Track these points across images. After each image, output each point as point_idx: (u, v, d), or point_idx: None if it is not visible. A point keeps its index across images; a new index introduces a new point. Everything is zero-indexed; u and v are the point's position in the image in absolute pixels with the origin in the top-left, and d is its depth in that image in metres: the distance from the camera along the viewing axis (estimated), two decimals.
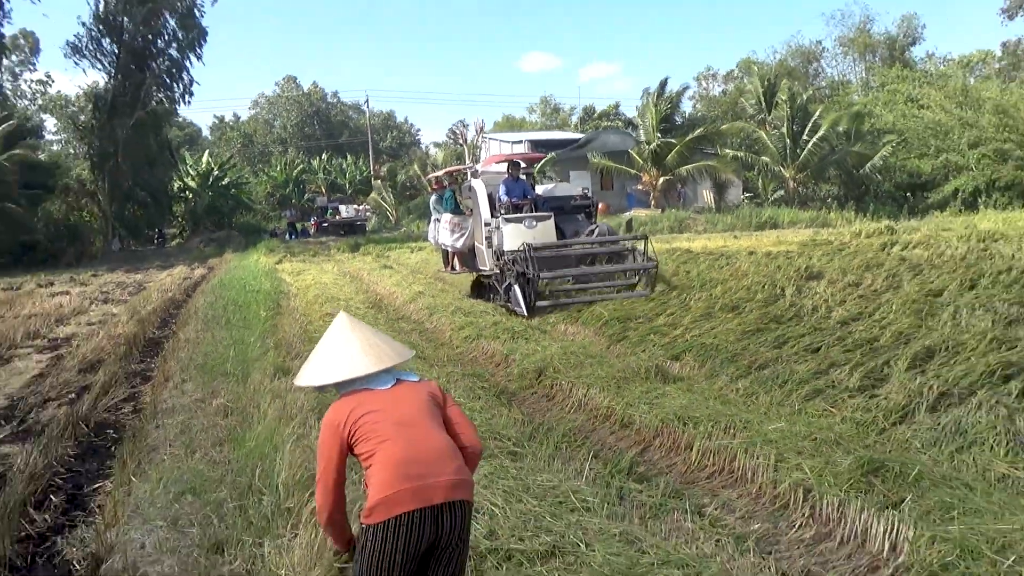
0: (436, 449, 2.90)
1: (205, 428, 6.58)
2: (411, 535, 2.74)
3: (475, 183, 14.43)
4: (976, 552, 3.81)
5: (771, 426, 5.86)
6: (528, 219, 13.41)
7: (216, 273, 25.01)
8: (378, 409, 2.96)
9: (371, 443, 2.89)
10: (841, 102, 44.83)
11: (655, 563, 3.81)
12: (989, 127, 31.69)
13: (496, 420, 6.48)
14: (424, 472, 2.80)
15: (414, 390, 3.11)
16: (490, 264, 13.81)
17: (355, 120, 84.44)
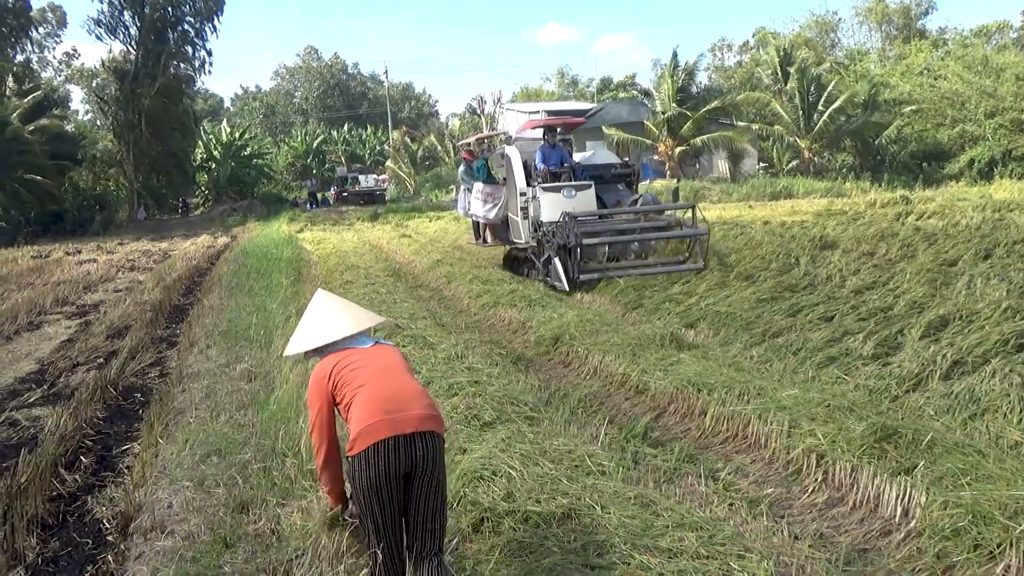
0: (408, 389, 3.23)
1: (229, 392, 6.62)
2: (388, 460, 3.02)
3: (509, 150, 13.38)
4: (988, 518, 3.78)
5: (785, 393, 5.83)
6: (567, 188, 12.38)
7: (239, 242, 25.12)
8: (357, 361, 3.29)
9: (351, 388, 3.20)
10: (858, 72, 44.11)
11: (669, 526, 3.81)
12: (1008, 96, 31.10)
13: (513, 386, 6.48)
14: (398, 407, 3.10)
15: (390, 350, 3.47)
16: (526, 236, 12.76)
17: (374, 91, 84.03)
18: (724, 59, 66.64)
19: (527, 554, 3.70)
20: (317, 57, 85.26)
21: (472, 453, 4.79)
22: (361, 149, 64.63)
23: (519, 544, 3.79)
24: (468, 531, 4.03)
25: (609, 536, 3.74)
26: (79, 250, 24.92)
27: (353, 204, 44.76)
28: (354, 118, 74.59)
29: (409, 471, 3.07)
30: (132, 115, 39.61)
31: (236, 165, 50.88)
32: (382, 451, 3.02)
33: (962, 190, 26.94)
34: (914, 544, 3.97)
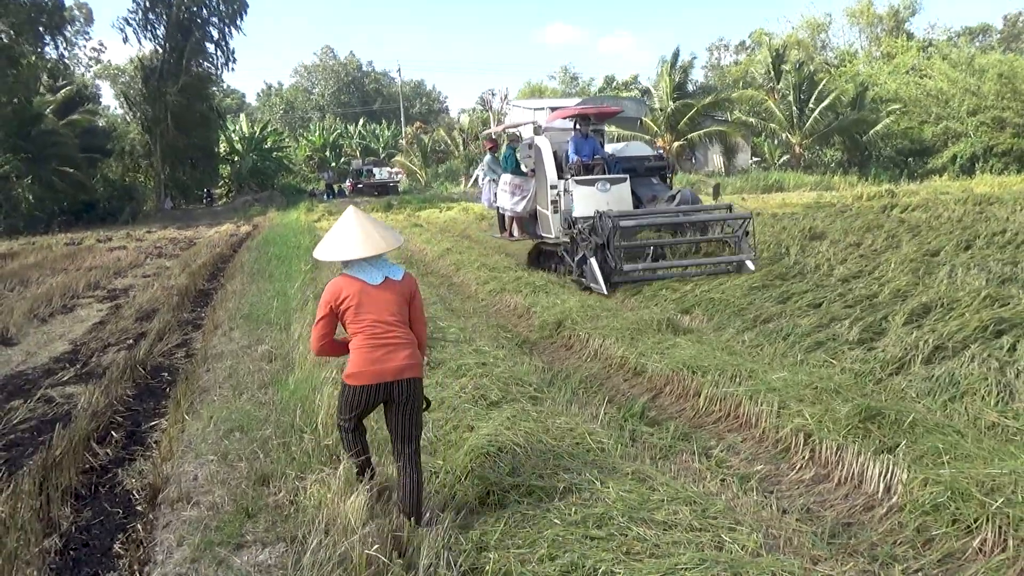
0: (393, 343, 3.74)
1: (251, 372, 6.65)
2: (369, 397, 3.77)
3: (539, 140, 12.22)
4: (966, 494, 3.78)
5: (775, 375, 5.83)
6: (601, 181, 11.19)
7: (260, 230, 25.14)
8: (364, 301, 3.74)
9: (353, 326, 3.76)
10: (847, 72, 43.81)
11: (664, 500, 3.82)
12: (990, 94, 30.87)
13: (518, 367, 6.49)
14: (382, 357, 3.71)
15: (393, 290, 3.81)
16: (555, 231, 11.64)
17: (387, 88, 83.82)
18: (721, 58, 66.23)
19: (530, 525, 3.72)
20: (333, 56, 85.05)
21: (479, 430, 4.80)
22: (375, 143, 64.52)
23: (523, 516, 3.81)
24: (475, 503, 4.04)
25: (608, 509, 3.75)
26: (109, 238, 24.97)
27: (368, 195, 44.71)
28: (368, 114, 74.43)
29: (387, 401, 3.77)
30: (158, 111, 39.57)
31: (257, 158, 50.85)
32: (364, 391, 3.74)
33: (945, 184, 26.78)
34: (895, 519, 3.98)
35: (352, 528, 3.60)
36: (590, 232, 10.29)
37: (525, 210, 12.75)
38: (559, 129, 12.82)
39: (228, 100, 71.30)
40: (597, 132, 12.75)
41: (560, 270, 12.10)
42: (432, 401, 4.49)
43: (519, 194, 12.74)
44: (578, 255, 10.70)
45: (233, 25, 42.29)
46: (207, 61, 42.99)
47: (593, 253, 10.21)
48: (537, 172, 12.35)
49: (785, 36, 55.29)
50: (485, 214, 24.22)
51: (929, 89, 35.23)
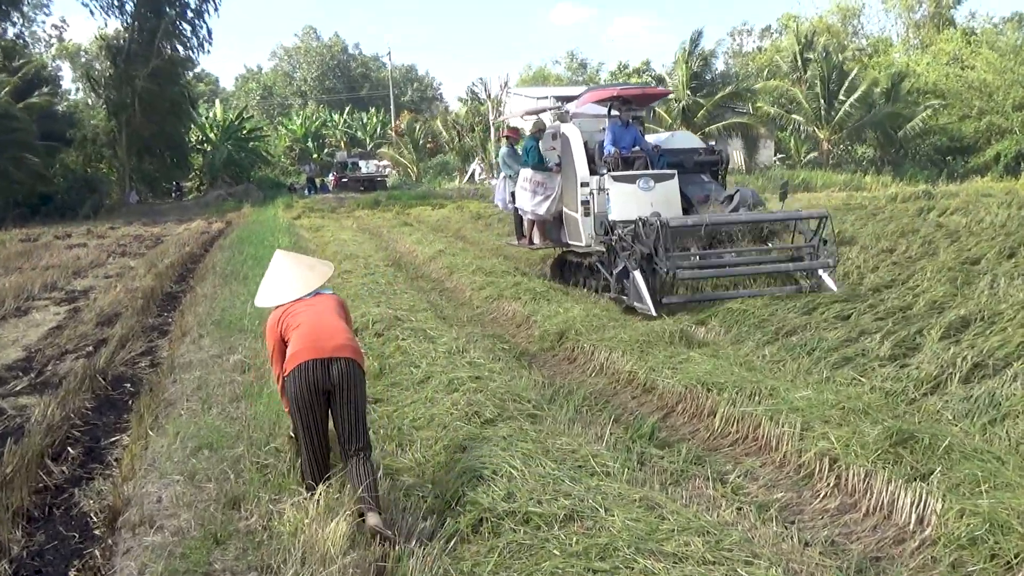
0: (331, 327, 4.25)
1: (222, 384, 6.65)
2: (309, 376, 4.06)
3: (567, 129, 11.16)
4: (1006, 527, 3.79)
5: (798, 394, 5.84)
6: (643, 178, 10.16)
7: (234, 228, 25.17)
8: (300, 309, 4.34)
9: (292, 329, 4.26)
10: (882, 62, 43.93)
11: (675, 529, 3.82)
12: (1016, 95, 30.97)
13: (516, 382, 6.49)
14: (320, 336, 4.16)
15: (327, 299, 4.49)
16: (586, 238, 10.53)
17: (376, 73, 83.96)
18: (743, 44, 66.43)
19: (527, 556, 3.72)
20: (316, 37, 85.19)
21: (472, 451, 4.81)
22: (362, 133, 64.60)
23: (519, 546, 3.81)
24: (467, 531, 4.05)
25: (612, 539, 3.74)
26: (69, 234, 24.97)
27: (353, 190, 44.71)
28: (354, 100, 74.53)
29: (329, 389, 4.10)
30: (125, 95, 39.60)
31: (233, 148, 50.89)
32: (304, 369, 4.06)
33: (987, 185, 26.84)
34: (928, 553, 3.99)
35: (331, 557, 3.60)
36: (632, 239, 9.27)
37: (549, 212, 11.61)
38: (591, 116, 11.88)
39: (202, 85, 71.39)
40: (636, 120, 11.62)
41: (591, 284, 11.26)
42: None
43: (542, 193, 11.57)
44: (617, 267, 9.63)
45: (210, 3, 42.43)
46: (180, 43, 43.07)
47: (637, 265, 9.15)
48: (564, 167, 11.27)
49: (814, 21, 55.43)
50: (482, 213, 24.31)
51: (972, 81, 35.31)
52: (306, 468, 4.27)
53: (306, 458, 4.25)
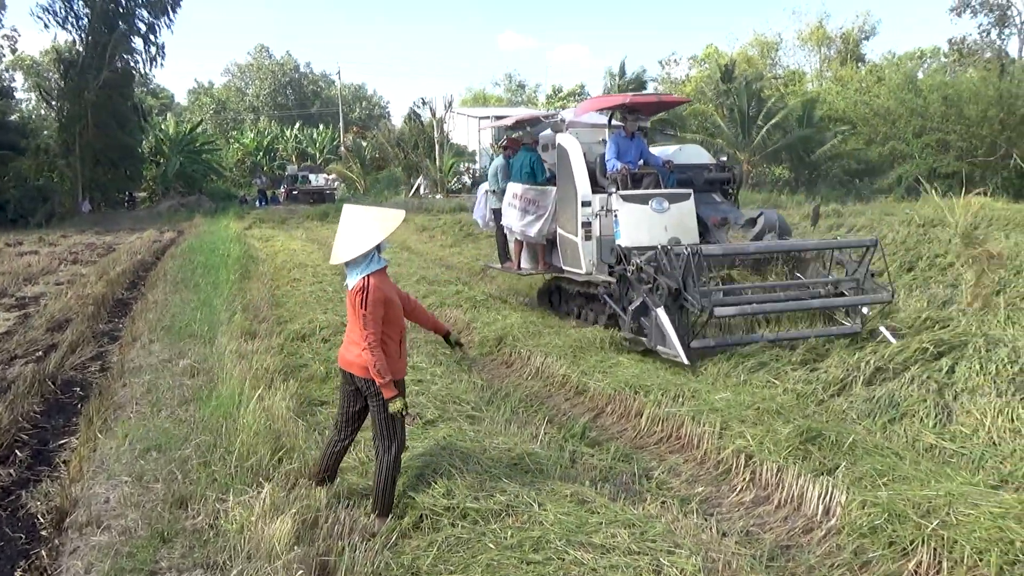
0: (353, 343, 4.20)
1: (171, 388, 6.49)
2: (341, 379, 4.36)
3: (564, 140, 9.33)
4: (903, 516, 3.92)
5: (717, 396, 5.96)
6: (657, 198, 8.47)
7: (186, 237, 24.59)
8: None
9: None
10: (796, 91, 45.15)
11: (603, 523, 3.86)
12: (935, 116, 32.17)
13: (456, 385, 6.49)
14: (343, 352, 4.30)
15: (348, 298, 4.20)
16: (587, 264, 8.87)
17: (326, 91, 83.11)
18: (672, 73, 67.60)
19: (464, 549, 3.72)
20: (268, 56, 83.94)
21: (414, 451, 4.79)
22: (312, 148, 63.79)
23: (457, 540, 3.81)
24: (408, 527, 4.03)
25: (545, 532, 3.77)
26: (20, 241, 24.08)
27: (303, 203, 44.06)
28: (305, 117, 73.60)
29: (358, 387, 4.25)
30: (78, 107, 38.43)
31: (185, 160, 49.75)
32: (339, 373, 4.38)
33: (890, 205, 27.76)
34: (834, 541, 4.11)
35: (276, 553, 3.56)
36: (656, 271, 7.48)
37: (541, 234, 9.83)
38: (587, 125, 10.26)
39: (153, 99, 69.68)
40: (641, 131, 9.76)
41: (588, 316, 9.46)
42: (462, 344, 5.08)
43: (533, 212, 9.78)
44: (634, 302, 7.75)
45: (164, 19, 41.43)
46: (133, 56, 41.98)
47: (661, 302, 7.31)
48: (561, 183, 9.40)
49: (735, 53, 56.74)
50: (426, 225, 24.19)
51: (877, 109, 36.53)
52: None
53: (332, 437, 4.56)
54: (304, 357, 7.48)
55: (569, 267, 9.40)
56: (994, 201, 23.13)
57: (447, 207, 29.44)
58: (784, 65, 60.15)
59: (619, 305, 8.16)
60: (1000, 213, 17.66)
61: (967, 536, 3.66)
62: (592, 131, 10.12)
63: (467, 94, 71.53)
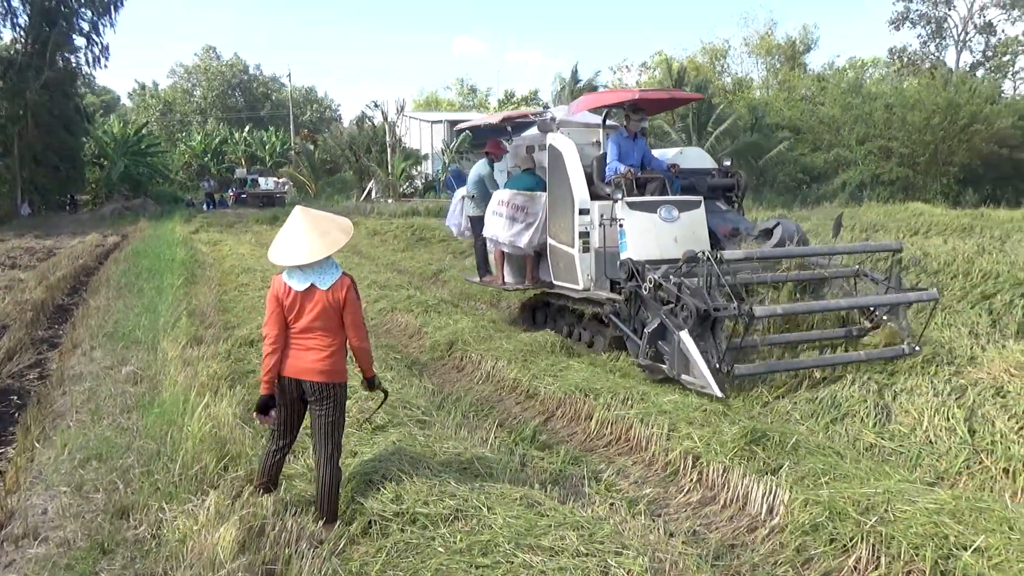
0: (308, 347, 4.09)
1: (113, 395, 6.35)
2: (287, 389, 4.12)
3: (557, 141, 8.45)
4: (843, 514, 4.02)
5: (666, 398, 6.05)
6: (666, 206, 7.66)
7: (130, 241, 24.05)
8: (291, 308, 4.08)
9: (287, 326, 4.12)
10: (744, 97, 46.01)
11: (552, 525, 3.89)
12: (878, 123, 33.08)
13: (406, 390, 6.47)
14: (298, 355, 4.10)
15: (318, 299, 4.06)
16: (584, 279, 8.01)
17: (276, 93, 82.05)
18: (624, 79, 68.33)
19: (413, 555, 3.71)
20: (216, 57, 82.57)
21: (363, 456, 4.77)
22: (262, 151, 62.93)
23: (406, 545, 3.80)
24: (357, 533, 4.00)
25: (494, 536, 3.78)
26: None
27: (252, 206, 43.43)
28: (255, 119, 72.58)
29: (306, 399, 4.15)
30: (17, 107, 37.33)
31: (130, 162, 48.66)
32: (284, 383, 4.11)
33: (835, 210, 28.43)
34: (777, 539, 4.20)
35: (220, 562, 3.50)
36: (680, 290, 6.40)
37: (531, 245, 8.84)
38: (579, 125, 9.31)
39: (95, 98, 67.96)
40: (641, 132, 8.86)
41: (586, 337, 8.59)
42: (388, 392, 4.78)
43: (522, 220, 8.78)
44: (649, 324, 6.68)
45: (106, 17, 40.47)
46: (76, 56, 40.96)
47: (685, 324, 6.25)
48: (554, 189, 8.55)
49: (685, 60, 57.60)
50: (378, 229, 24.00)
51: (822, 116, 37.42)
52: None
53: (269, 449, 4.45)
54: (252, 363, 7.38)
55: (562, 282, 8.47)
56: (933, 207, 23.90)
57: (399, 211, 29.29)
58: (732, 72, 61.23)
59: (629, 327, 7.15)
60: (939, 219, 18.22)
61: (904, 532, 3.77)
62: (585, 131, 9.11)
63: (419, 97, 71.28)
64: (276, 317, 4.09)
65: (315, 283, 4.05)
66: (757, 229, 8.21)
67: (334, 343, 4.12)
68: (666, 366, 6.46)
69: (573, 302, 8.47)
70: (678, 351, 6.26)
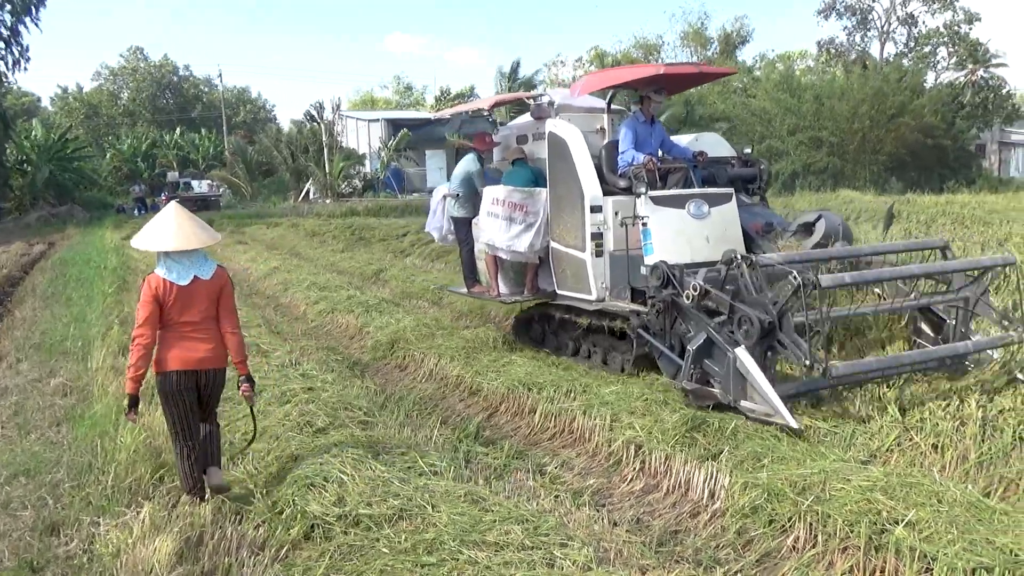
0: (197, 337, 4.24)
1: (41, 408, 6.14)
2: (180, 382, 4.22)
3: (560, 128, 7.21)
4: (781, 495, 4.11)
5: (608, 389, 6.09)
6: (695, 200, 6.61)
7: (57, 250, 23.28)
8: (174, 304, 4.18)
9: (166, 321, 4.20)
10: None
11: (497, 520, 3.88)
12: (808, 115, 33.92)
13: (348, 391, 6.38)
14: (189, 347, 4.22)
15: (201, 290, 4.24)
16: (598, 288, 6.82)
17: (208, 94, 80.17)
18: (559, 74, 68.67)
19: (357, 557, 3.67)
20: (143, 58, 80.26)
21: (304, 460, 4.69)
22: (195, 154, 61.45)
23: (350, 547, 3.75)
24: (299, 538, 3.94)
25: (439, 534, 3.76)
26: None
27: None
28: (186, 121, 70.80)
29: (198, 389, 4.28)
30: None
31: (55, 168, 47.02)
32: (176, 376, 4.19)
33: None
34: (719, 523, 4.27)
35: (157, 574, 3.41)
36: (734, 297, 5.47)
37: (533, 249, 7.51)
38: (581, 109, 8.10)
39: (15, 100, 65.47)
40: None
41: (599, 355, 7.38)
42: (255, 382, 4.75)
43: (521, 220, 7.47)
44: (693, 340, 5.69)
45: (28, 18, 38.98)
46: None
47: (748, 339, 5.29)
48: (556, 183, 7.31)
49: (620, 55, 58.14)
50: (316, 230, 23.67)
51: (754, 109, 38.19)
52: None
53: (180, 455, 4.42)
54: None
55: (570, 291, 7.23)
56: (863, 194, 24.60)
57: (338, 211, 28.93)
58: None
59: (665, 342, 6.09)
60: (868, 204, 18.76)
61: (839, 510, 3.86)
62: (587, 117, 7.91)
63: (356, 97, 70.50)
64: (153, 319, 4.15)
65: (198, 275, 4.23)
66: (795, 224, 7.30)
67: (217, 331, 4.32)
68: (718, 390, 5.47)
69: (584, 315, 7.29)
70: (733, 372, 5.28)
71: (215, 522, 4.03)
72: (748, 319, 5.28)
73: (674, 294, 5.91)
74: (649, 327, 6.25)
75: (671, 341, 6.04)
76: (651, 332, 6.23)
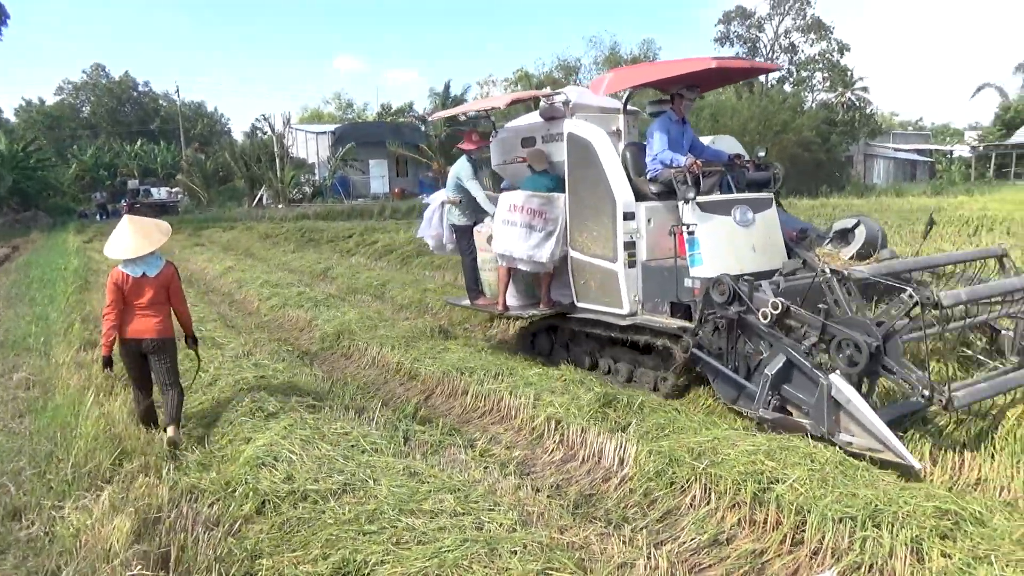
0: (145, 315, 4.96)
1: (4, 402, 5.83)
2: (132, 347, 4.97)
3: (583, 130, 6.15)
4: (680, 460, 4.20)
5: (531, 371, 6.12)
6: (741, 206, 5.61)
7: (22, 253, 22.15)
8: (130, 291, 4.94)
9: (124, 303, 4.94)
10: None
11: (432, 490, 3.86)
12: (705, 130, 34.72)
13: (297, 378, 6.25)
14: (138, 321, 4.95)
15: (150, 282, 4.96)
16: (630, 301, 5.80)
17: (166, 108, 77.33)
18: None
19: (304, 528, 3.60)
20: (104, 74, 76.89)
21: (255, 442, 4.56)
22: (154, 164, 59.22)
23: (298, 520, 3.68)
24: (252, 513, 3.84)
25: (380, 504, 3.72)
26: None
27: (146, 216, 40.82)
28: (146, 133, 68.16)
29: (146, 354, 4.99)
30: None
31: (19, 177, 44.65)
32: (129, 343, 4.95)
33: None
34: (627, 486, 4.34)
35: (115, 552, 3.28)
36: (826, 317, 4.46)
37: (554, 258, 6.33)
38: (596, 110, 6.79)
39: None
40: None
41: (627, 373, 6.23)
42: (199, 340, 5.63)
43: (541, 228, 6.28)
44: (770, 363, 4.72)
45: None
46: None
47: (850, 365, 4.33)
48: (578, 188, 6.19)
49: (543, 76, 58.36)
50: (269, 232, 23.10)
51: None
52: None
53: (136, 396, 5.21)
54: None
55: (594, 304, 6.15)
56: None
57: (289, 215, 28.29)
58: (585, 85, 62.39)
59: (728, 365, 5.03)
60: None
61: (729, 471, 3.97)
62: (602, 118, 6.62)
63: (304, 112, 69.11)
64: (116, 302, 4.87)
65: (146, 271, 4.94)
66: (832, 230, 6.44)
67: (162, 312, 5.01)
68: (806, 421, 4.44)
69: (611, 330, 6.08)
70: (828, 401, 4.28)
71: (172, 502, 3.90)
72: (851, 342, 4.30)
73: (742, 311, 4.88)
74: (703, 345, 5.19)
75: (735, 363, 4.99)
76: (706, 351, 5.17)
